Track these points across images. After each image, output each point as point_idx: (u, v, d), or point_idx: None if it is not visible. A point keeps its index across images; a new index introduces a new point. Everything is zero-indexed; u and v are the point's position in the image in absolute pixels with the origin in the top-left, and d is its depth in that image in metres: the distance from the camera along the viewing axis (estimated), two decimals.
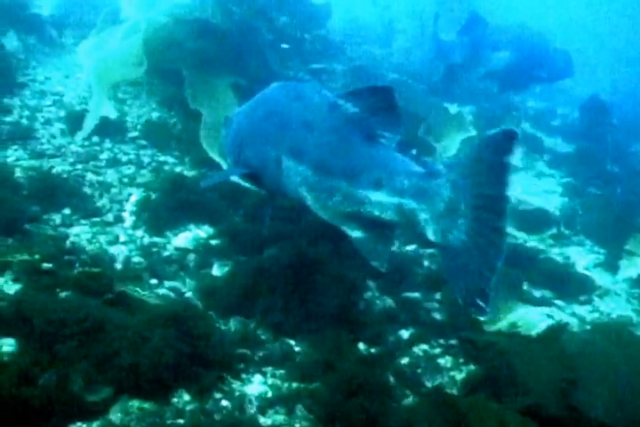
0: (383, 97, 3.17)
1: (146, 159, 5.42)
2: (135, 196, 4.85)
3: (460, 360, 3.86)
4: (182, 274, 4.21)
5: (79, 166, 5.08)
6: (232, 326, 3.77)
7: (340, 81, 8.09)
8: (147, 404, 3.00)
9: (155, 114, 6.06)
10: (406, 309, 4.29)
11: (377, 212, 3.13)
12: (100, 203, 4.73)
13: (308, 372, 3.47)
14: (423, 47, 8.97)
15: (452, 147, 7.05)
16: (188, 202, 4.72)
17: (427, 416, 3.27)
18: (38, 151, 5.15)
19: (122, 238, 4.39)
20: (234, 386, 3.30)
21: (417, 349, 3.90)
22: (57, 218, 4.40)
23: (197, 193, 4.78)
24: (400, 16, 12.72)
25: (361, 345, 3.82)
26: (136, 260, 4.20)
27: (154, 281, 4.04)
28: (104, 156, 5.32)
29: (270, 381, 3.41)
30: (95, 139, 5.50)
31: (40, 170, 4.79)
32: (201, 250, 4.41)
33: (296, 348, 3.71)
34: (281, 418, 3.16)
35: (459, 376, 3.73)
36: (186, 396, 3.11)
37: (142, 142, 5.66)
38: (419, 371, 3.72)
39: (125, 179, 5.09)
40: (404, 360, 3.80)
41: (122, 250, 4.26)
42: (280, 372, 3.49)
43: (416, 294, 4.45)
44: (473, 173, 2.83)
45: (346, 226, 3.28)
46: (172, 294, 3.94)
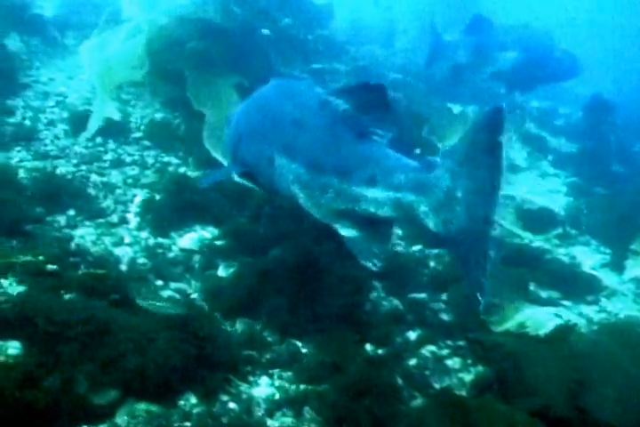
0: (375, 94, 3.12)
1: (150, 160, 5.40)
2: (140, 197, 4.83)
3: (469, 361, 3.83)
4: (188, 275, 4.19)
5: (83, 167, 5.07)
6: (238, 328, 3.74)
7: (343, 81, 8.04)
8: (153, 407, 2.97)
9: (158, 115, 6.03)
10: (413, 309, 4.26)
11: (372, 208, 3.08)
12: (105, 204, 4.72)
13: (316, 374, 3.45)
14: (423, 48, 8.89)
15: None
16: (193, 203, 4.69)
17: (435, 418, 3.24)
18: (42, 152, 5.13)
19: (127, 240, 4.37)
20: (241, 388, 3.28)
21: (424, 350, 3.87)
22: (61, 219, 4.39)
23: (201, 194, 4.75)
24: (402, 16, 12.70)
25: (368, 346, 3.79)
26: (141, 261, 4.18)
27: (159, 282, 4.03)
28: (108, 157, 5.31)
29: (277, 383, 3.39)
30: (99, 140, 5.48)
31: (44, 171, 4.78)
32: (206, 251, 4.39)
33: (303, 349, 3.69)
34: (289, 421, 3.14)
35: (467, 378, 3.70)
36: (193, 398, 3.08)
37: (146, 143, 5.64)
38: (427, 372, 3.70)
39: (130, 180, 5.07)
40: (412, 362, 3.77)
41: (127, 251, 4.24)
42: (287, 374, 3.47)
43: (422, 295, 4.43)
44: (468, 159, 2.76)
45: (338, 224, 3.23)
46: (178, 296, 3.92)
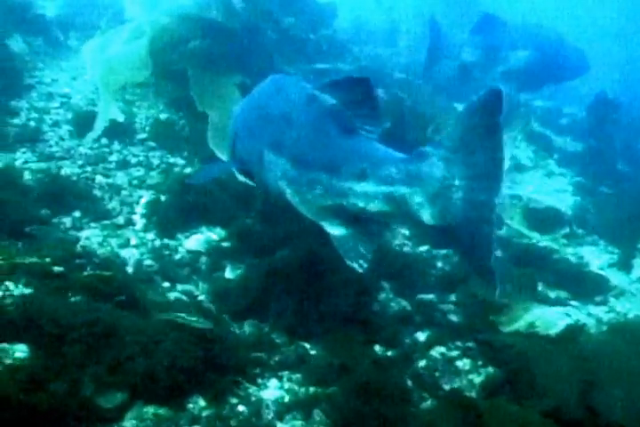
0: (361, 88, 3.10)
1: (155, 161, 5.37)
2: (145, 198, 4.80)
3: (479, 363, 3.79)
4: (195, 277, 4.17)
5: (88, 169, 5.04)
6: (246, 330, 3.72)
7: None
8: (162, 410, 2.95)
9: (163, 115, 6.00)
10: (421, 311, 4.23)
11: (361, 203, 3.04)
12: (111, 205, 4.69)
13: (325, 376, 3.42)
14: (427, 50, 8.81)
15: None
16: (199, 204, 4.67)
17: (446, 420, 3.22)
18: (47, 154, 5.11)
19: (133, 241, 4.35)
20: (250, 391, 3.25)
21: (434, 351, 3.84)
22: (67, 221, 4.36)
23: (208, 195, 4.73)
24: (405, 16, 12.66)
25: (377, 347, 3.77)
26: (148, 263, 4.15)
27: (166, 284, 4.01)
28: (113, 158, 5.28)
29: (287, 385, 3.36)
30: (104, 141, 5.45)
31: (49, 172, 4.75)
32: (213, 252, 4.36)
33: (311, 351, 3.66)
34: (298, 423, 3.11)
35: (477, 379, 3.67)
36: (201, 401, 3.05)
37: (151, 144, 5.61)
38: (436, 374, 3.67)
39: (135, 181, 5.04)
40: (422, 363, 3.73)
41: (133, 253, 4.22)
42: (296, 376, 3.44)
43: (431, 296, 4.40)
44: (464, 144, 2.73)
45: (326, 222, 3.19)
46: (185, 298, 3.89)
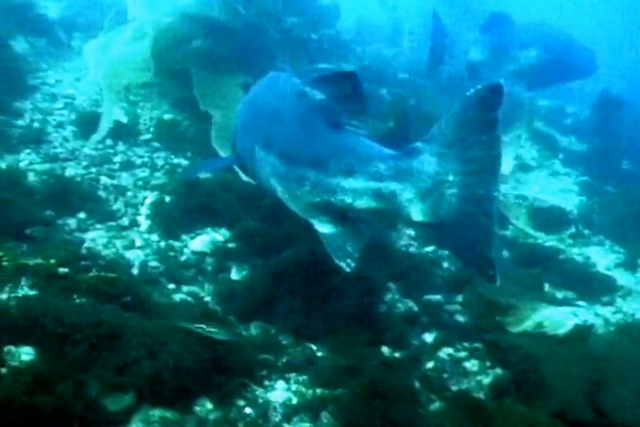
0: (349, 83, 3.06)
1: (160, 162, 5.35)
2: (150, 199, 4.77)
3: (487, 364, 3.77)
4: (200, 278, 4.15)
5: (93, 170, 5.03)
6: (253, 331, 3.70)
7: None
8: (169, 413, 2.93)
9: (167, 116, 5.99)
10: (428, 311, 4.21)
11: (349, 199, 3.02)
12: (115, 207, 4.68)
13: (332, 377, 3.39)
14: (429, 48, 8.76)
15: None
16: (204, 205, 4.65)
17: (454, 422, 3.20)
18: (51, 155, 5.09)
19: (138, 243, 4.33)
20: (257, 393, 3.23)
21: (442, 352, 3.81)
22: (72, 222, 4.35)
23: (213, 195, 4.72)
24: (408, 16, 12.63)
25: (384, 349, 3.74)
26: (153, 264, 4.14)
27: (172, 286, 3.99)
28: (118, 159, 5.26)
29: (294, 387, 3.34)
30: (108, 141, 5.44)
31: (53, 174, 4.73)
32: (218, 253, 4.34)
33: (318, 353, 3.64)
34: (306, 426, 3.09)
35: (485, 380, 3.64)
36: (208, 404, 3.04)
37: (155, 145, 5.59)
38: (444, 375, 3.65)
39: (140, 182, 5.02)
40: (429, 364, 3.71)
41: (138, 254, 4.20)
42: (303, 378, 3.42)
43: (437, 297, 4.37)
44: (459, 139, 2.70)
45: (316, 219, 3.17)
46: (191, 299, 3.87)
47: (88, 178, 4.90)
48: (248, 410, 3.09)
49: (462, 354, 3.83)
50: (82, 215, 4.45)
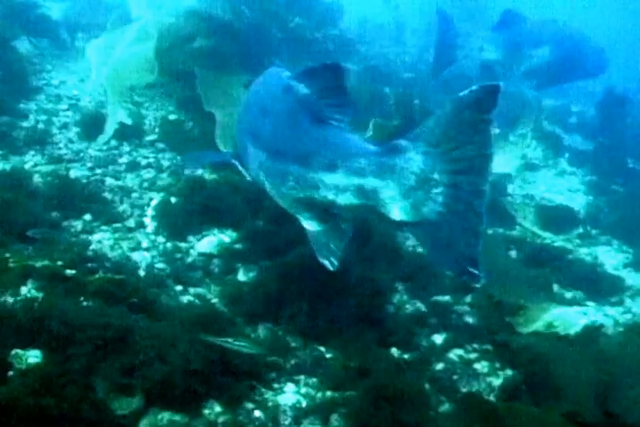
0: (332, 76, 3.01)
1: (165, 163, 5.32)
2: (156, 200, 4.74)
3: (497, 365, 3.73)
4: (207, 280, 4.12)
5: (98, 171, 5.00)
6: (261, 334, 3.67)
7: (354, 80, 7.96)
8: (177, 416, 2.91)
9: (172, 116, 5.96)
10: (437, 312, 4.18)
11: (331, 195, 2.95)
12: (121, 208, 4.65)
13: (342, 380, 3.37)
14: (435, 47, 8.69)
15: None
16: (210, 206, 4.62)
17: (465, 424, 3.17)
18: (56, 156, 5.07)
19: (144, 244, 4.30)
20: (266, 396, 3.20)
21: (452, 354, 3.78)
22: (78, 224, 4.32)
23: (219, 197, 4.69)
24: (411, 15, 12.61)
25: (393, 350, 3.71)
26: (159, 266, 4.11)
27: (179, 288, 3.96)
28: (123, 160, 5.23)
29: (303, 390, 3.31)
30: (113, 143, 5.41)
31: (59, 175, 4.70)
32: (225, 255, 4.30)
33: (327, 354, 3.61)
34: None
35: (496, 382, 3.61)
36: (217, 407, 3.01)
37: (161, 145, 5.55)
38: (454, 377, 3.61)
39: (145, 183, 4.99)
40: (439, 366, 3.68)
41: (145, 256, 4.17)
42: (313, 380, 3.39)
43: (446, 298, 4.34)
44: (448, 138, 2.61)
45: (302, 216, 3.14)
46: (198, 301, 3.85)
47: (93, 179, 4.88)
48: (257, 413, 3.06)
49: (472, 355, 3.80)
50: (87, 217, 4.42)
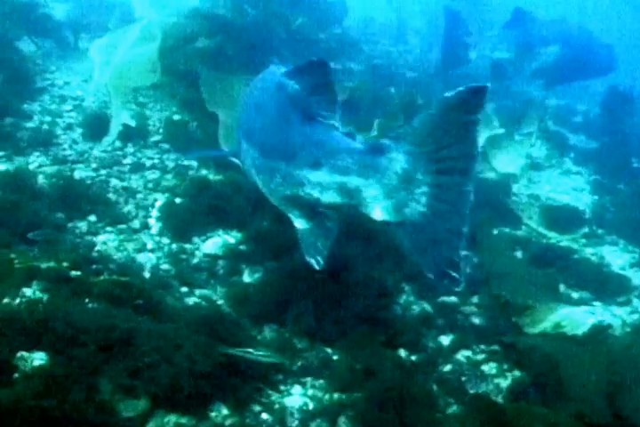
0: (318, 73, 3.02)
1: (170, 163, 5.29)
2: (161, 201, 4.73)
3: (505, 366, 3.71)
4: (213, 281, 4.10)
5: (103, 172, 4.98)
6: (267, 335, 3.65)
7: (357, 80, 7.94)
8: (184, 418, 2.89)
9: (176, 117, 5.94)
10: (444, 313, 4.15)
11: (316, 193, 2.96)
12: (126, 209, 4.63)
13: (349, 382, 3.35)
14: (442, 46, 8.65)
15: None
16: (215, 207, 4.60)
17: (473, 425, 3.15)
18: (61, 157, 5.04)
19: (149, 246, 4.29)
20: (273, 398, 3.19)
21: (459, 355, 3.76)
22: (83, 225, 4.31)
23: (224, 198, 4.68)
24: (414, 15, 12.57)
25: (401, 352, 3.69)
26: (165, 267, 4.10)
27: (184, 289, 3.94)
28: (127, 161, 5.21)
29: (310, 392, 3.30)
30: (118, 143, 5.38)
31: (63, 176, 4.69)
32: (230, 256, 4.28)
33: (334, 356, 3.59)
34: None
35: (504, 383, 3.59)
36: (224, 410, 3.00)
37: (165, 146, 5.53)
38: (462, 379, 3.59)
39: (150, 184, 4.97)
40: (447, 367, 3.66)
41: (150, 257, 4.16)
42: (320, 382, 3.37)
43: (453, 298, 4.31)
44: (434, 139, 2.61)
45: (292, 213, 3.15)
46: (204, 303, 3.83)
47: (98, 180, 4.86)
48: (265, 416, 3.05)
49: (480, 357, 3.78)
50: (92, 218, 4.41)
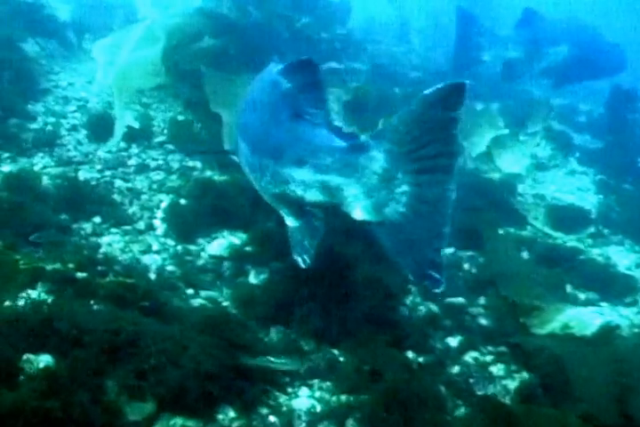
0: (308, 71, 3.03)
1: (174, 164, 5.28)
2: (166, 202, 4.72)
3: (513, 368, 3.69)
4: (218, 283, 4.08)
5: (107, 173, 4.97)
6: (273, 337, 3.63)
7: (362, 80, 7.93)
8: (191, 421, 2.86)
9: (181, 117, 5.93)
10: (451, 314, 4.13)
11: (300, 191, 2.96)
12: (131, 210, 4.62)
13: (356, 383, 3.32)
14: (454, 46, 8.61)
15: (481, 144, 6.87)
16: (220, 208, 4.59)
17: None
18: (65, 158, 5.04)
19: (154, 247, 4.27)
20: (280, 400, 3.16)
21: (467, 357, 3.74)
22: (87, 227, 4.30)
23: (228, 198, 4.66)
24: (417, 15, 12.56)
25: (409, 354, 3.66)
26: (170, 269, 4.08)
27: (190, 291, 3.92)
28: (132, 162, 5.20)
29: (318, 394, 3.27)
30: (122, 144, 5.38)
31: (68, 177, 4.68)
32: (236, 257, 4.27)
33: (340, 358, 3.56)
34: None
35: (512, 385, 3.57)
36: (231, 412, 2.97)
37: (170, 147, 5.52)
38: (470, 380, 3.57)
39: (155, 185, 4.96)
40: (455, 369, 3.64)
41: (155, 259, 4.14)
42: (327, 384, 3.35)
43: (460, 299, 4.29)
44: (412, 137, 2.57)
45: (283, 211, 3.18)
46: (210, 304, 3.81)
47: (102, 181, 4.85)
48: (272, 418, 3.02)
49: (488, 358, 3.76)
50: (97, 219, 4.40)
